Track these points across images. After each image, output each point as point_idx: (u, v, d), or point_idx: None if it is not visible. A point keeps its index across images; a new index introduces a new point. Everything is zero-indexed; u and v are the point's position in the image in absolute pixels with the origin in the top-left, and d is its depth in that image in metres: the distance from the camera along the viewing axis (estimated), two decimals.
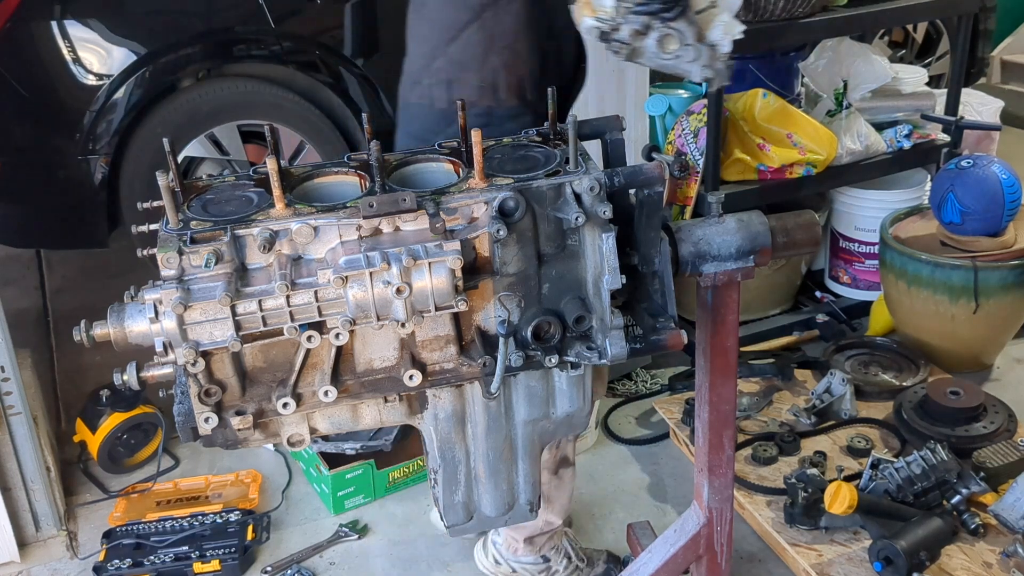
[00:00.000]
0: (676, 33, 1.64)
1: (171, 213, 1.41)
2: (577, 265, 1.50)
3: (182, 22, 3.53)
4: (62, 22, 3.36)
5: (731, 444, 1.90)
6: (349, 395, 1.49)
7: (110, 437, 2.87)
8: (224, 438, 1.48)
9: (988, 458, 2.60)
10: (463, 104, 1.59)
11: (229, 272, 1.39)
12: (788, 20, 2.97)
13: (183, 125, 3.51)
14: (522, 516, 1.74)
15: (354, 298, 1.39)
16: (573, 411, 1.63)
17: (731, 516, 1.97)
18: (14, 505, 2.58)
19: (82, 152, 3.42)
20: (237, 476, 2.87)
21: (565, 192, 1.46)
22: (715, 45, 1.66)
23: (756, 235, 1.67)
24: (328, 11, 3.67)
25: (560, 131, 1.64)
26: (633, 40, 1.68)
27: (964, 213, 3.08)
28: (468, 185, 1.47)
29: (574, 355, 1.52)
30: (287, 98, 3.65)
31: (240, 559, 2.52)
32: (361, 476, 2.74)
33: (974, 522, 2.41)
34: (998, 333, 3.24)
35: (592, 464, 2.84)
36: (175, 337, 1.36)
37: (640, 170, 1.52)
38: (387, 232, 1.43)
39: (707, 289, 1.72)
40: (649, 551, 2.06)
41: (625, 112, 3.01)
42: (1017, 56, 5.83)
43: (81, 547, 2.66)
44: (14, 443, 2.52)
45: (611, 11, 1.68)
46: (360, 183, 1.55)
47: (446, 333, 1.49)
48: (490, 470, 1.65)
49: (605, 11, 1.69)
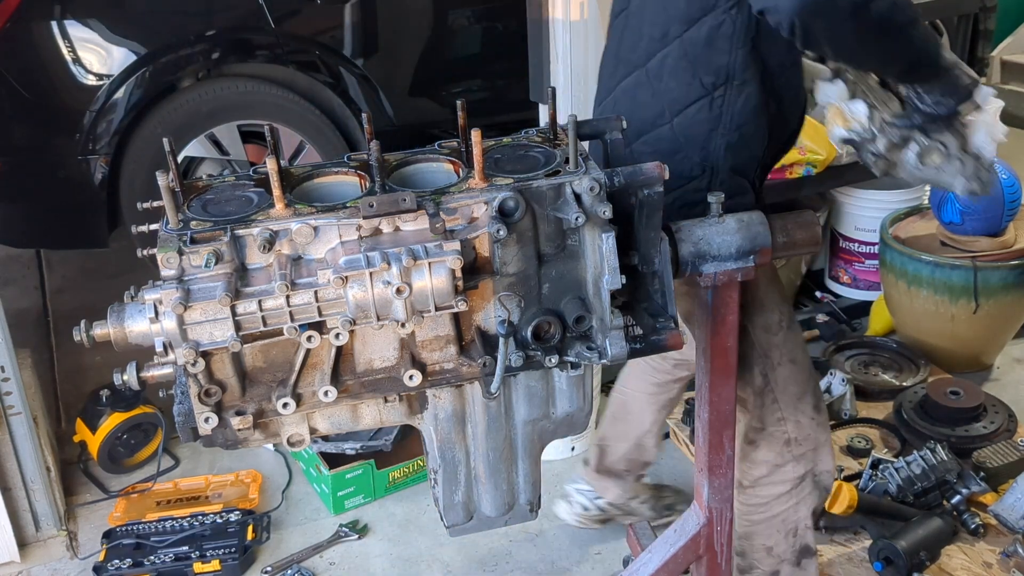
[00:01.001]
0: (939, 145, 1.54)
1: (171, 213, 1.41)
2: (577, 265, 1.50)
3: (182, 22, 3.53)
4: (62, 22, 3.36)
5: (731, 444, 1.90)
6: (349, 395, 1.49)
7: (110, 437, 2.87)
8: (224, 438, 1.48)
9: (988, 458, 2.60)
10: (463, 104, 1.59)
11: (229, 272, 1.39)
12: None
13: (183, 125, 3.51)
14: (522, 516, 1.74)
15: (354, 298, 1.39)
16: (573, 411, 1.63)
17: (731, 516, 1.97)
18: (14, 505, 2.58)
19: (82, 152, 3.42)
20: (237, 476, 2.87)
21: (565, 192, 1.46)
22: (979, 154, 1.55)
23: (756, 235, 1.67)
24: (328, 11, 3.67)
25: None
26: (890, 153, 1.59)
27: (964, 213, 3.08)
28: (468, 185, 1.47)
29: (574, 355, 1.52)
30: (287, 98, 3.65)
31: (240, 559, 2.52)
32: (361, 476, 2.74)
33: (974, 522, 2.41)
34: (998, 333, 3.24)
35: None
36: (175, 337, 1.36)
37: (640, 170, 1.51)
38: (387, 232, 1.43)
39: (707, 289, 1.72)
40: (649, 551, 2.06)
41: None
42: (1017, 56, 5.83)
43: (81, 547, 2.66)
44: (14, 443, 2.52)
45: (866, 122, 1.60)
46: (360, 183, 1.55)
47: (446, 333, 1.49)
48: (490, 470, 1.65)
49: (860, 122, 1.61)
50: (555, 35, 2.92)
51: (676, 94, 1.79)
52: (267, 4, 3.52)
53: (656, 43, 1.79)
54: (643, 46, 1.82)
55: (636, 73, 1.85)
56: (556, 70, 2.95)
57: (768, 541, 2.04)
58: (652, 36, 1.80)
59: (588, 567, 2.54)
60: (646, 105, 1.83)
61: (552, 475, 2.83)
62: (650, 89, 1.82)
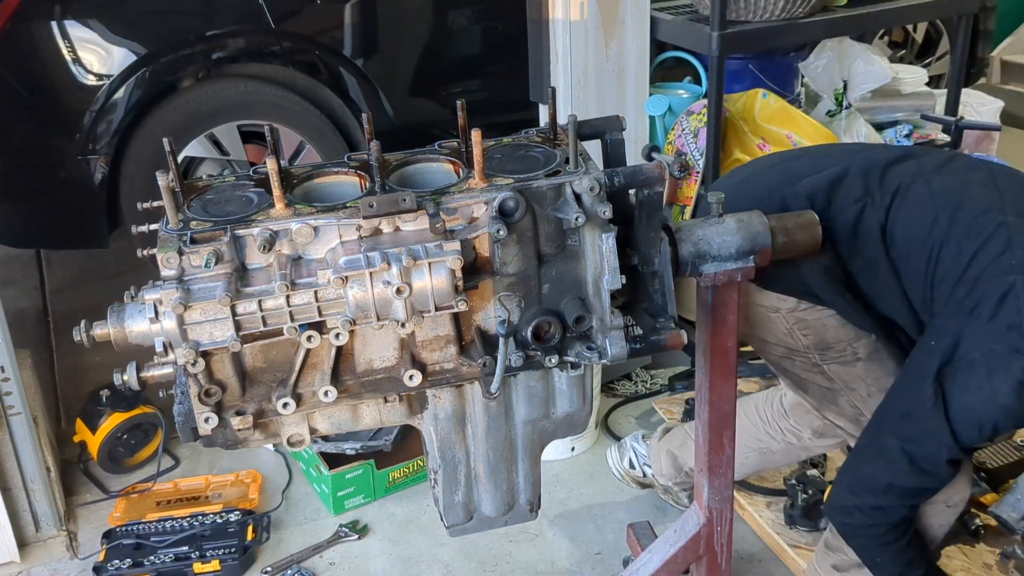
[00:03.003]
0: None
1: (171, 213, 1.41)
2: (577, 265, 1.50)
3: (182, 22, 3.53)
4: (62, 22, 3.35)
5: (731, 444, 1.90)
6: (349, 395, 1.49)
7: (110, 437, 2.87)
8: (224, 438, 1.48)
9: (988, 458, 2.60)
10: (463, 104, 1.59)
11: (229, 272, 1.39)
12: (788, 20, 2.97)
13: (183, 125, 3.51)
14: (522, 516, 1.74)
15: (354, 298, 1.39)
16: (573, 411, 1.63)
17: (731, 516, 1.97)
18: (14, 505, 2.58)
19: (82, 152, 3.41)
20: (237, 476, 2.87)
21: (565, 192, 1.46)
22: None
23: (756, 235, 1.67)
24: (328, 11, 3.67)
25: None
26: None
27: None
28: (468, 185, 1.47)
29: (574, 355, 1.52)
30: (287, 98, 3.65)
31: (240, 559, 2.52)
32: (361, 476, 2.74)
33: (974, 523, 2.41)
34: None
35: (592, 464, 2.84)
36: (175, 337, 1.36)
37: (640, 170, 1.52)
38: (387, 232, 1.43)
39: (707, 289, 1.72)
40: (649, 551, 2.06)
41: (625, 112, 3.00)
42: (1017, 56, 5.83)
43: (81, 547, 2.66)
44: (14, 443, 2.52)
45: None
46: (360, 183, 1.55)
47: (446, 333, 1.49)
48: (490, 470, 1.65)
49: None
50: (555, 35, 2.92)
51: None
52: (267, 4, 3.51)
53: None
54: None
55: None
56: (556, 70, 2.95)
57: None
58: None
59: (588, 567, 2.54)
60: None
61: (552, 475, 2.83)
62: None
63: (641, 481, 2.67)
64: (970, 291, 1.64)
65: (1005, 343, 1.58)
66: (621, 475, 2.69)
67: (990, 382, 1.60)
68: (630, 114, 3.07)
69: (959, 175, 1.78)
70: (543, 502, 1.77)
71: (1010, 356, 1.58)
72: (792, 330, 1.91)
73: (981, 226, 1.67)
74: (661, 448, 2.57)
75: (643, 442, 2.66)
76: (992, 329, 1.60)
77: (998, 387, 1.59)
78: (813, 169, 1.86)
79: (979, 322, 1.62)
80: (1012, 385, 1.58)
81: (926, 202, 1.73)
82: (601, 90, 3.01)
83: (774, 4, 2.91)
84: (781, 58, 3.34)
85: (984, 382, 1.60)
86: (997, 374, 1.59)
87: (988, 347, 1.60)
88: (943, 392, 1.64)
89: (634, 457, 2.66)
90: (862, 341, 1.89)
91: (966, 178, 1.76)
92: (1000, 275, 1.62)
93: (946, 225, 1.69)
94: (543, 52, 2.96)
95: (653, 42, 3.10)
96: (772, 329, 1.93)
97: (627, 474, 2.68)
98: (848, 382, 1.92)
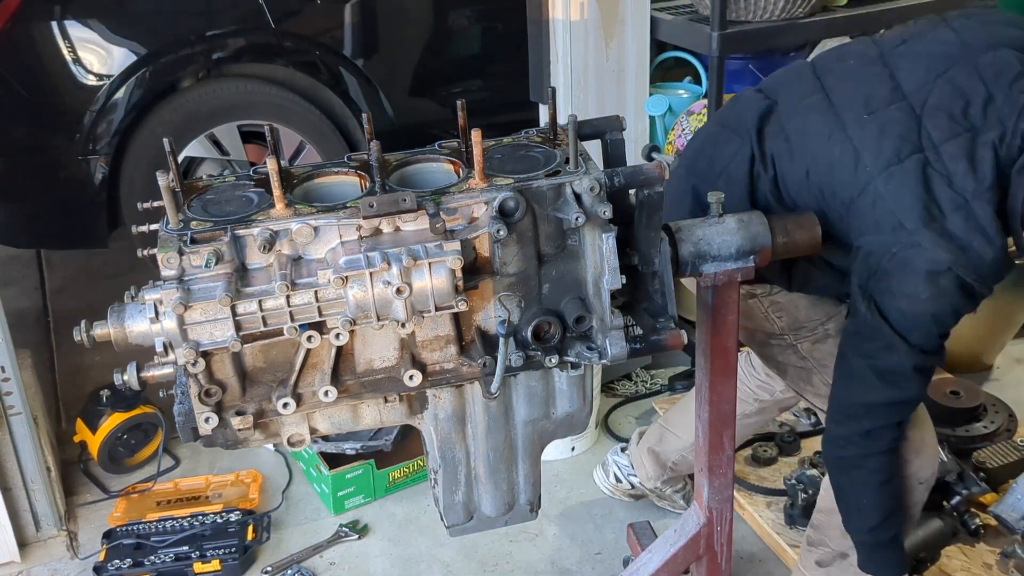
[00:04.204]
0: None
1: (171, 213, 1.41)
2: (577, 265, 1.50)
3: (182, 22, 3.53)
4: (62, 22, 3.35)
5: (731, 444, 1.90)
6: (349, 395, 1.49)
7: (110, 437, 2.87)
8: (224, 438, 1.48)
9: (988, 458, 2.60)
10: (463, 104, 1.59)
11: (229, 272, 1.39)
12: (788, 20, 2.97)
13: (183, 125, 3.51)
14: (522, 516, 1.74)
15: (354, 298, 1.39)
16: (573, 411, 1.63)
17: (731, 516, 1.97)
18: (14, 505, 2.58)
19: (82, 152, 3.41)
20: (237, 476, 2.87)
21: (565, 192, 1.46)
22: None
23: (756, 235, 1.67)
24: (328, 11, 3.67)
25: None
26: None
27: None
28: (468, 185, 1.48)
29: (574, 355, 1.52)
30: (287, 98, 3.65)
31: (240, 559, 2.52)
32: (361, 476, 2.74)
33: (974, 523, 2.41)
34: (998, 333, 3.24)
35: (592, 464, 2.84)
36: (175, 337, 1.36)
37: (640, 170, 1.52)
38: (387, 232, 1.43)
39: (707, 289, 1.72)
40: (649, 551, 2.06)
41: (625, 112, 3.00)
42: None
43: (81, 547, 2.66)
44: (14, 443, 2.52)
45: None
46: (360, 183, 1.55)
47: (446, 333, 1.49)
48: (490, 470, 1.65)
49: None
50: (555, 35, 2.92)
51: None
52: (267, 4, 3.51)
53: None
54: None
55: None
56: (556, 70, 2.95)
57: None
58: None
59: (588, 567, 2.54)
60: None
61: (552, 475, 2.83)
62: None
63: (632, 493, 2.67)
64: (854, 213, 1.71)
65: (899, 244, 1.63)
66: (611, 491, 2.71)
67: (906, 283, 1.65)
68: (630, 114, 3.07)
69: (802, 115, 1.83)
70: (543, 502, 1.77)
71: (909, 253, 1.63)
72: (768, 313, 1.98)
73: (831, 154, 1.74)
74: (641, 450, 2.58)
75: (623, 454, 2.67)
76: (884, 237, 1.65)
77: (914, 286, 1.64)
78: (709, 162, 1.92)
79: (873, 235, 1.67)
80: (923, 279, 1.62)
81: (796, 156, 1.80)
82: (601, 90, 3.01)
83: (774, 4, 2.90)
84: (781, 58, 3.34)
85: (902, 285, 1.65)
86: (907, 275, 1.64)
87: (889, 253, 1.64)
88: (876, 305, 1.68)
89: (617, 471, 2.68)
90: (832, 320, 1.94)
91: (808, 117, 1.81)
92: (863, 187, 1.68)
93: (816, 171, 1.76)
94: (543, 52, 2.96)
95: (653, 42, 3.10)
96: (751, 315, 1.99)
97: (616, 489, 2.69)
98: (820, 359, 1.96)
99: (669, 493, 2.63)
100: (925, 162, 1.64)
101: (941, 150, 1.65)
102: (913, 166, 1.65)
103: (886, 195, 1.65)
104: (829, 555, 2.08)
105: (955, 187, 1.62)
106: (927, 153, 1.65)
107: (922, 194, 1.63)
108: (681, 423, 2.48)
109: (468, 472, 1.66)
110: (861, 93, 1.76)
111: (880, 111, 1.71)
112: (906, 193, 1.63)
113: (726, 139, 1.90)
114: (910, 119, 1.69)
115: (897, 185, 1.64)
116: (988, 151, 1.63)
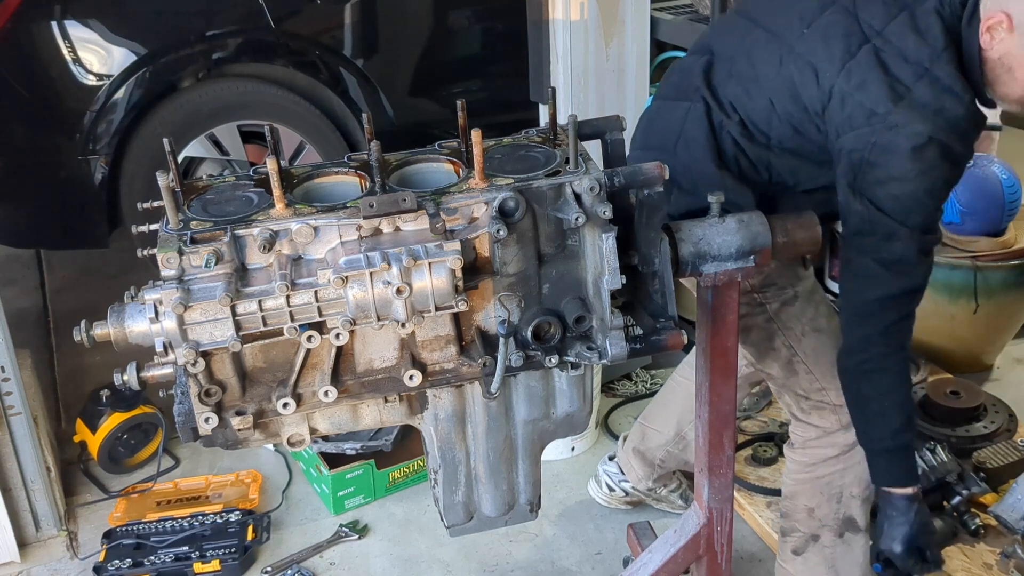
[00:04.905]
0: None
1: (171, 213, 1.41)
2: (577, 265, 1.50)
3: (182, 22, 3.53)
4: (62, 22, 3.35)
5: (731, 444, 1.90)
6: (349, 395, 1.49)
7: (110, 437, 2.87)
8: (224, 438, 1.48)
9: (988, 458, 2.60)
10: (463, 104, 1.59)
11: (229, 272, 1.39)
12: None
13: (183, 125, 3.51)
14: (522, 516, 1.74)
15: (354, 298, 1.39)
16: (573, 411, 1.63)
17: (731, 516, 1.97)
18: (14, 505, 2.58)
19: (82, 152, 3.41)
20: (237, 476, 2.87)
21: (565, 192, 1.46)
22: None
23: (756, 235, 1.67)
24: (328, 11, 3.67)
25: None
26: None
27: (964, 213, 3.08)
28: (468, 185, 1.47)
29: (574, 355, 1.52)
30: (287, 98, 3.65)
31: (240, 559, 2.52)
32: (361, 476, 2.74)
33: (974, 523, 2.41)
34: (998, 333, 3.24)
35: (592, 464, 2.84)
36: (175, 337, 1.36)
37: (640, 170, 1.52)
38: (387, 232, 1.43)
39: (707, 289, 1.72)
40: (649, 551, 2.06)
41: (625, 112, 3.00)
42: None
43: (81, 547, 2.66)
44: (14, 443, 2.52)
45: None
46: (360, 183, 1.55)
47: (446, 333, 1.49)
48: (490, 470, 1.65)
49: None
50: (555, 35, 2.92)
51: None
52: (267, 4, 3.51)
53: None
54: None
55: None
56: (556, 70, 2.95)
57: (811, 502, 2.07)
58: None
59: (588, 567, 2.54)
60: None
61: (552, 475, 2.83)
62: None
63: (627, 500, 2.66)
64: (828, 121, 1.74)
65: (876, 132, 1.66)
66: (607, 501, 2.69)
67: (893, 167, 1.67)
68: (630, 114, 3.06)
69: (747, 54, 1.88)
70: (543, 502, 1.77)
71: (888, 136, 1.66)
72: None
73: (789, 77, 1.78)
74: (627, 452, 2.58)
75: (611, 462, 2.66)
76: (860, 131, 1.69)
77: (901, 167, 1.66)
78: (662, 133, 1.95)
79: (850, 132, 1.70)
80: (908, 157, 1.65)
81: (754, 93, 1.84)
82: (601, 90, 3.01)
83: None
84: None
85: (889, 170, 1.67)
86: (892, 158, 1.66)
87: (869, 143, 1.67)
88: (869, 199, 1.70)
89: (608, 480, 2.66)
90: (802, 282, 2.01)
91: (753, 53, 1.86)
92: (828, 93, 1.72)
93: (780, 98, 1.80)
94: (543, 52, 2.96)
95: (653, 42, 3.10)
96: None
97: (611, 498, 2.68)
98: (785, 321, 1.99)
99: (665, 493, 2.63)
100: (875, 49, 1.70)
101: (885, 33, 1.70)
102: (866, 56, 1.69)
103: (851, 90, 1.69)
104: (802, 540, 2.11)
105: (911, 60, 1.67)
106: (874, 41, 1.71)
107: (883, 77, 1.67)
108: (660, 417, 2.49)
109: (468, 472, 1.66)
110: (794, 12, 1.82)
111: (816, 21, 1.77)
112: (868, 82, 1.68)
113: (670, 108, 1.94)
114: (847, 18, 1.74)
115: (858, 78, 1.69)
116: (932, 17, 1.69)
